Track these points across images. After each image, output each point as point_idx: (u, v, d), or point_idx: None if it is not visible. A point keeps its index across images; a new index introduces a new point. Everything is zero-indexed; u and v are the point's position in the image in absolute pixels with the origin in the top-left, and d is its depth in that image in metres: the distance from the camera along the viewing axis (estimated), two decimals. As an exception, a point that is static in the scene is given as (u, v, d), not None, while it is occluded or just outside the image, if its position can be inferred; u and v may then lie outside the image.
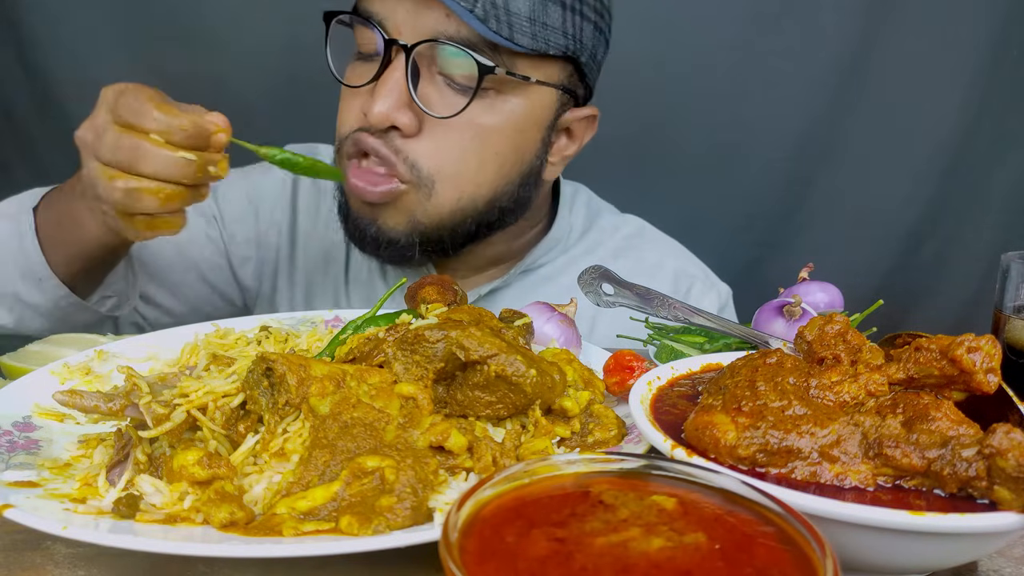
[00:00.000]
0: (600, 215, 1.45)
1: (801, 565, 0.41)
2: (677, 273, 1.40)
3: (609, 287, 0.97)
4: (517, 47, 1.06)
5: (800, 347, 0.69)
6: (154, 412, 0.66)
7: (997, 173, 2.01)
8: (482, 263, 1.33)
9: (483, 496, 0.45)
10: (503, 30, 1.04)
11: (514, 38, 1.05)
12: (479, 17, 1.02)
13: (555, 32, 1.09)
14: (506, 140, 1.14)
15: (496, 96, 1.11)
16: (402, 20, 1.07)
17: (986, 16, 1.89)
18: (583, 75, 1.19)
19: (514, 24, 1.05)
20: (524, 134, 1.16)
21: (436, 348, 0.71)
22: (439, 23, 1.05)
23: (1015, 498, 0.50)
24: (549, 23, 1.08)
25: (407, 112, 1.08)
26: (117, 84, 0.91)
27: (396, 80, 1.07)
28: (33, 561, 0.61)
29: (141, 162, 0.86)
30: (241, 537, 0.57)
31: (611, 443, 0.74)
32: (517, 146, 1.16)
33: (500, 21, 1.04)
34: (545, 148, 1.21)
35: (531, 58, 1.10)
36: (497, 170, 1.16)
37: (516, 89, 1.12)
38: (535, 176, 1.22)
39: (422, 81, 1.09)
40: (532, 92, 1.13)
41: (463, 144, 1.11)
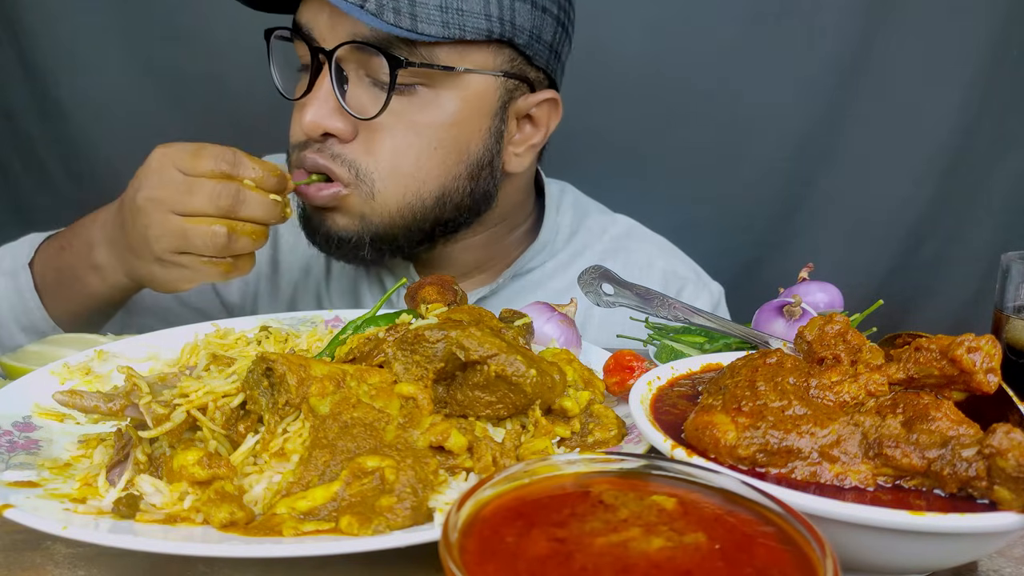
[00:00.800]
0: (588, 215, 1.42)
1: (801, 565, 0.41)
2: (667, 274, 1.38)
3: (609, 287, 0.97)
4: (423, 37, 1.03)
5: (800, 347, 0.69)
6: (154, 412, 0.66)
7: (997, 173, 2.01)
8: (466, 268, 1.31)
9: (483, 496, 0.45)
10: (403, 21, 1.02)
11: (418, 28, 1.02)
12: (371, 12, 1.01)
13: (474, 16, 1.05)
14: (444, 133, 1.12)
15: (427, 91, 1.09)
16: (324, 27, 1.07)
17: (986, 16, 1.89)
18: (529, 59, 1.14)
19: (419, 14, 1.02)
20: (463, 125, 1.13)
21: (436, 348, 0.71)
22: (355, 25, 1.04)
23: (1015, 498, 0.50)
24: (466, 8, 1.05)
25: (339, 118, 1.08)
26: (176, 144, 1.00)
27: (325, 88, 1.07)
28: (33, 561, 0.61)
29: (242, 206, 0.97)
30: (241, 537, 0.57)
31: (611, 443, 0.74)
32: (457, 138, 1.13)
33: (400, 13, 1.01)
34: (496, 138, 1.17)
35: (453, 46, 1.07)
36: (440, 164, 1.13)
37: (447, 81, 1.09)
38: (487, 168, 1.18)
39: (351, 86, 1.09)
40: (466, 82, 1.11)
41: (398, 142, 1.10)
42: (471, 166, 1.16)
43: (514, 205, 1.30)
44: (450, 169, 1.14)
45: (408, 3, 1.02)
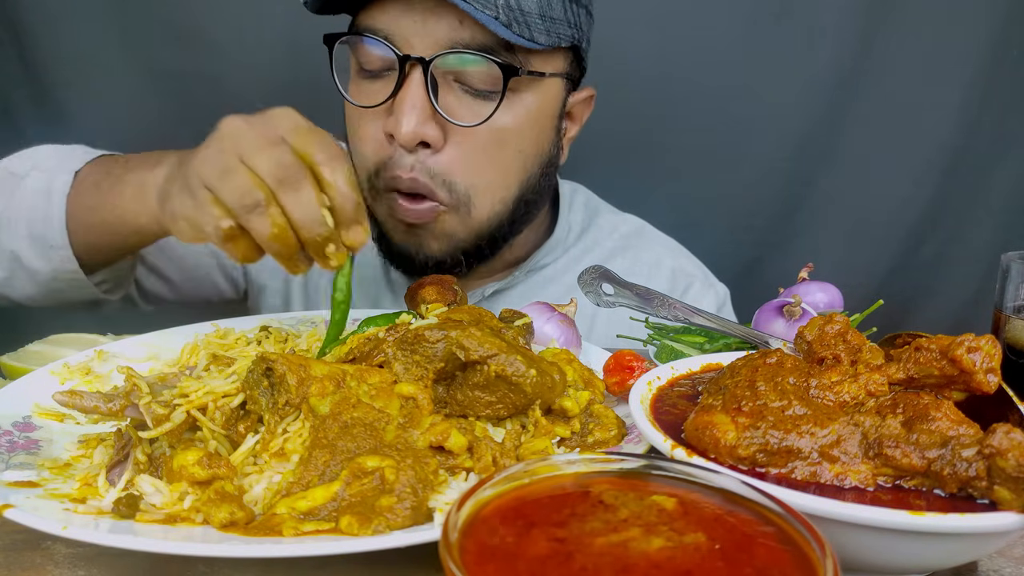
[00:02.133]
0: (599, 214, 1.45)
1: (801, 565, 0.41)
2: (675, 272, 1.40)
3: (609, 287, 0.97)
4: (537, 45, 1.06)
5: (800, 347, 0.69)
6: (154, 412, 0.66)
7: (997, 173, 2.01)
8: (496, 267, 1.32)
9: (483, 496, 0.45)
10: (524, 32, 1.04)
11: (534, 38, 1.05)
12: (504, 23, 1.02)
13: (562, 24, 1.09)
14: (525, 137, 1.15)
15: (512, 95, 1.10)
16: (411, 33, 1.04)
17: (986, 16, 1.89)
18: (580, 59, 1.20)
19: (531, 24, 1.04)
20: (540, 128, 1.17)
21: (436, 348, 0.71)
22: (453, 31, 1.03)
23: (1015, 498, 0.50)
24: (555, 16, 1.08)
25: (433, 126, 1.07)
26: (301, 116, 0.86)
27: (417, 95, 1.05)
28: (33, 561, 0.61)
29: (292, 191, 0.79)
30: (241, 537, 0.57)
31: (611, 443, 0.74)
32: (535, 140, 1.17)
33: (520, 24, 1.03)
34: (559, 136, 1.22)
35: (542, 53, 1.10)
36: (521, 168, 1.17)
37: (529, 85, 1.12)
38: (554, 164, 1.24)
39: (440, 91, 1.07)
40: (544, 85, 1.14)
41: (489, 150, 1.11)
42: (543, 165, 1.21)
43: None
44: (529, 170, 1.18)
45: (521, 13, 1.03)
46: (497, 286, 1.32)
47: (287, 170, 0.78)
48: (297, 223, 0.78)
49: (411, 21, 1.04)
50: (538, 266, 1.35)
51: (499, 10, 1.01)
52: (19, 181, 1.08)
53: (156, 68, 1.86)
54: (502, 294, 1.33)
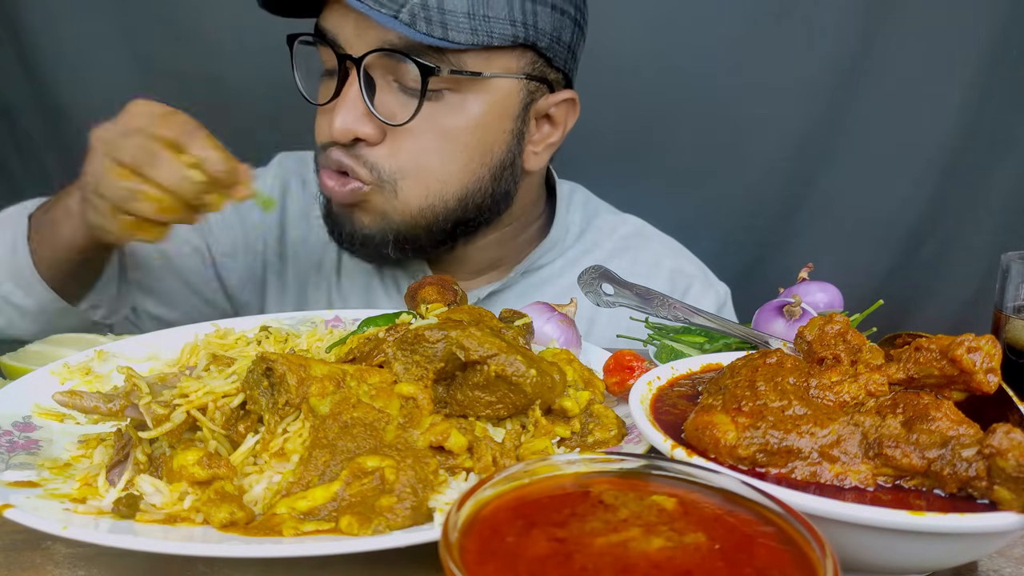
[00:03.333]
0: (598, 214, 1.44)
1: (801, 565, 0.41)
2: (674, 272, 1.39)
3: (609, 287, 0.97)
4: (454, 45, 1.06)
5: (800, 347, 0.69)
6: (154, 413, 0.66)
7: (997, 173, 2.01)
8: (480, 266, 1.32)
9: (483, 496, 0.45)
10: (435, 31, 1.04)
11: (449, 36, 1.05)
12: (405, 22, 1.03)
13: (499, 23, 1.08)
14: (470, 136, 1.15)
15: (454, 95, 1.12)
16: (351, 34, 1.08)
17: (986, 16, 1.89)
18: (548, 60, 1.17)
19: (448, 23, 1.04)
20: (489, 128, 1.16)
21: (436, 348, 0.71)
22: (383, 32, 1.06)
23: (1015, 498, 0.50)
24: (491, 15, 1.07)
25: (368, 123, 1.10)
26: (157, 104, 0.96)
27: (354, 94, 1.09)
28: (33, 561, 0.61)
29: (154, 168, 0.91)
30: (241, 537, 0.57)
31: (611, 443, 0.74)
32: (481, 141, 1.16)
33: (431, 22, 1.04)
34: (518, 139, 1.20)
35: (480, 52, 1.10)
36: (463, 166, 1.16)
37: (473, 86, 1.12)
38: (509, 169, 1.21)
39: (379, 91, 1.11)
40: (491, 86, 1.13)
41: (423, 146, 1.13)
42: (493, 168, 1.19)
43: (528, 203, 1.32)
44: (474, 171, 1.17)
45: (438, 12, 1.04)
46: (493, 287, 1.32)
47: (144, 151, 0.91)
48: (171, 189, 0.91)
49: (350, 23, 1.08)
50: (535, 267, 1.34)
51: (402, 9, 1.03)
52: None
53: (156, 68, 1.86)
54: (498, 295, 1.32)
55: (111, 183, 0.92)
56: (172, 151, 0.91)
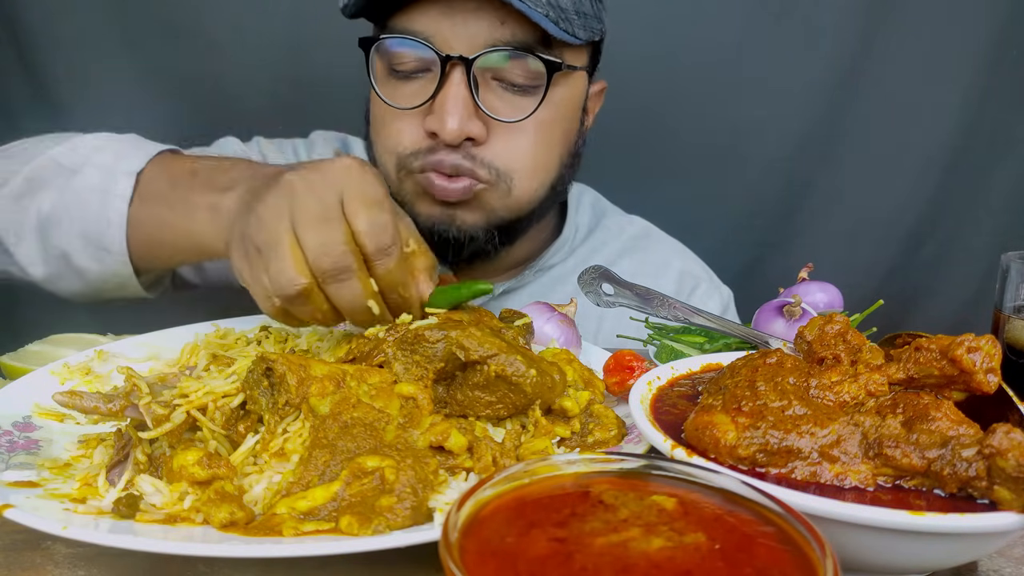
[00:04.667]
0: (606, 215, 1.46)
1: (801, 565, 0.41)
2: (682, 274, 1.41)
3: (609, 287, 0.97)
4: (579, 41, 1.09)
5: (800, 347, 0.69)
6: (154, 413, 0.66)
7: (997, 173, 2.01)
8: (504, 266, 1.33)
9: (483, 496, 0.45)
10: (568, 28, 1.07)
11: (575, 33, 1.08)
12: (552, 20, 1.04)
13: (592, 19, 1.12)
14: (560, 128, 1.18)
15: (550, 90, 1.12)
16: (451, 34, 1.06)
17: (986, 16, 1.89)
18: (598, 54, 1.23)
19: (571, 20, 1.07)
20: (570, 119, 1.20)
21: (436, 348, 0.71)
22: (494, 30, 1.06)
23: (1015, 498, 0.50)
24: (587, 12, 1.11)
25: (476, 122, 1.09)
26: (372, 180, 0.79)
27: (460, 94, 1.07)
28: (33, 561, 0.61)
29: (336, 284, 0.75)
30: (241, 537, 0.57)
31: (611, 443, 0.74)
32: (567, 131, 1.20)
33: (564, 20, 1.06)
34: (583, 127, 1.26)
35: (574, 48, 1.13)
36: (559, 157, 1.20)
37: (563, 80, 1.14)
38: (579, 155, 1.27)
39: (480, 89, 1.10)
40: (573, 79, 1.17)
41: (531, 141, 1.14)
42: (572, 155, 1.24)
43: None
44: (563, 160, 1.22)
45: (562, 11, 1.06)
46: (506, 286, 1.32)
47: (335, 260, 0.74)
48: (342, 309, 0.77)
49: (452, 22, 1.06)
50: (546, 266, 1.36)
51: (549, 8, 1.04)
52: (70, 176, 1.02)
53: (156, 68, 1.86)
54: (511, 294, 1.33)
55: (283, 269, 0.75)
56: (364, 269, 0.77)
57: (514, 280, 1.33)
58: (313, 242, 0.74)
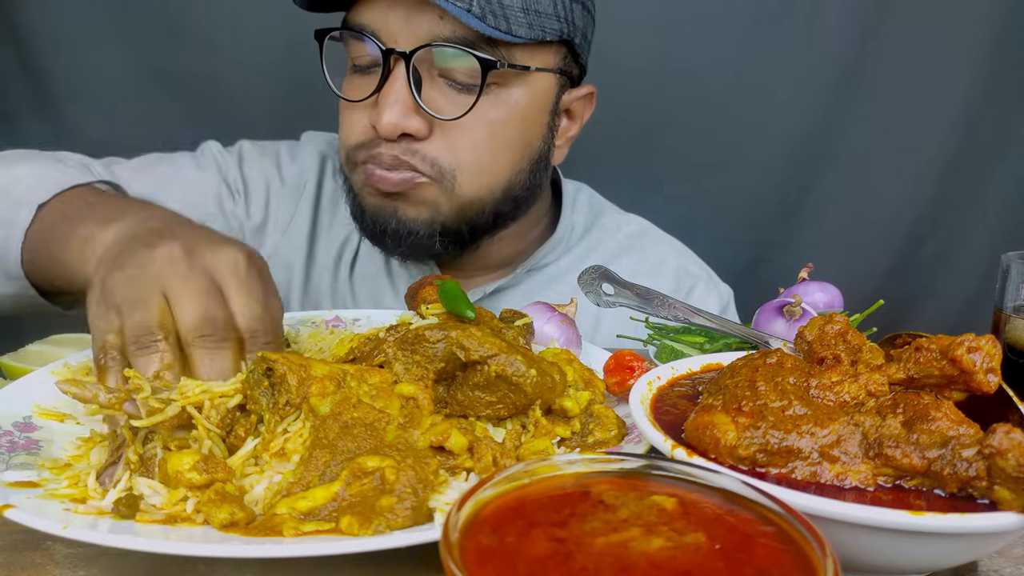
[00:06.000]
0: (603, 213, 1.45)
1: (801, 565, 0.41)
2: (679, 272, 1.40)
3: (609, 287, 0.97)
4: (516, 39, 1.07)
5: (800, 347, 0.69)
6: (149, 406, 0.66)
7: (997, 173, 2.01)
8: (491, 264, 1.33)
9: (483, 496, 0.45)
10: (501, 24, 1.05)
11: (512, 30, 1.06)
12: (477, 16, 1.03)
13: (548, 18, 1.10)
14: (514, 130, 1.16)
15: (499, 89, 1.12)
16: (395, 28, 1.07)
17: (986, 16, 1.89)
18: (576, 55, 1.20)
19: (510, 16, 1.06)
20: (529, 121, 1.18)
21: (436, 348, 0.71)
22: (433, 26, 1.06)
23: (1015, 498, 0.50)
24: (541, 10, 1.09)
25: (416, 118, 1.09)
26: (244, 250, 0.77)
27: (400, 89, 1.07)
28: (33, 561, 0.61)
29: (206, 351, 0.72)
30: (241, 537, 0.57)
31: (611, 443, 0.74)
32: (524, 134, 1.18)
33: (496, 16, 1.05)
34: (551, 132, 1.23)
35: (527, 47, 1.11)
36: (510, 159, 1.18)
37: (517, 79, 1.13)
38: (543, 162, 1.24)
39: (424, 85, 1.10)
40: (532, 80, 1.15)
41: (476, 140, 1.13)
42: (532, 160, 1.22)
43: (539, 204, 1.33)
44: (517, 164, 1.19)
45: (499, 6, 1.05)
46: (499, 284, 1.32)
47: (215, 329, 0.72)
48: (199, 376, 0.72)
49: (395, 17, 1.07)
50: (540, 265, 1.35)
51: (472, 3, 1.03)
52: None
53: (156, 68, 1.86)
54: (504, 292, 1.33)
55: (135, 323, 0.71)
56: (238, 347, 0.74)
57: (505, 279, 1.32)
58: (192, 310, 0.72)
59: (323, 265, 1.38)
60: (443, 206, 1.16)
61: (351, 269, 1.37)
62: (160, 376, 0.70)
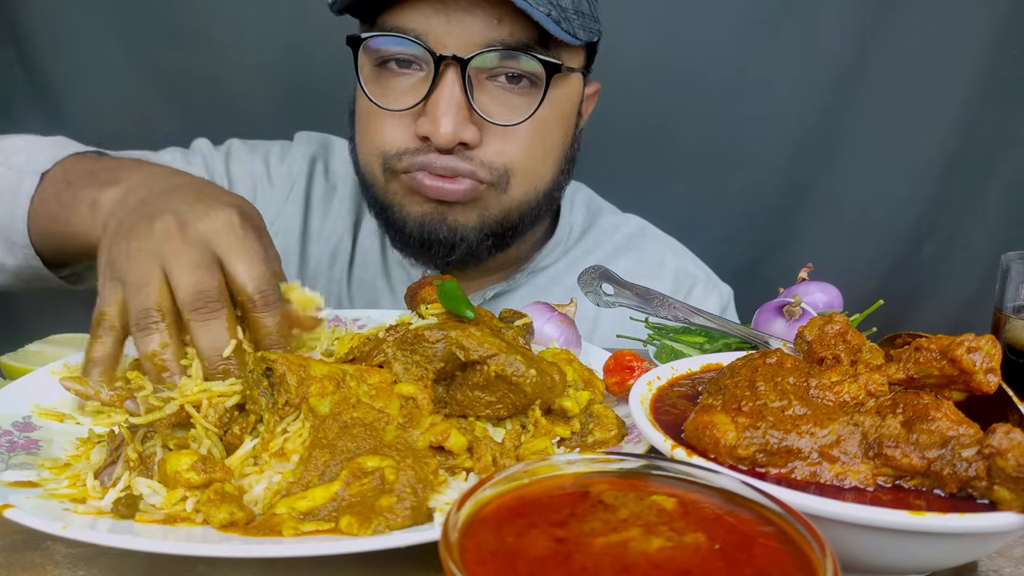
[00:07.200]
0: (601, 214, 1.44)
1: (801, 565, 0.41)
2: (678, 273, 1.39)
3: (609, 287, 0.97)
4: (578, 42, 1.07)
5: (800, 347, 0.69)
6: (148, 404, 0.66)
7: (997, 173, 2.01)
8: (492, 266, 1.31)
9: (483, 496, 0.45)
10: (569, 28, 1.04)
11: (576, 34, 1.06)
12: (555, 20, 1.02)
13: (590, 19, 1.10)
14: (558, 130, 1.16)
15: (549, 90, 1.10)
16: (444, 32, 1.02)
17: (986, 16, 1.89)
18: (593, 54, 1.20)
19: (571, 20, 1.05)
20: (568, 121, 1.18)
21: (436, 348, 0.71)
22: (490, 29, 1.02)
23: (1015, 498, 0.50)
24: (585, 11, 1.08)
25: (471, 126, 1.06)
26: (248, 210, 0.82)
27: (455, 97, 1.03)
28: (33, 561, 0.61)
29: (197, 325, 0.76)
30: (241, 537, 0.57)
31: (611, 443, 0.74)
32: (564, 134, 1.18)
33: (566, 20, 1.04)
34: (577, 130, 1.23)
35: (571, 49, 1.10)
36: (555, 160, 1.18)
37: (559, 81, 1.12)
38: (574, 160, 1.24)
39: (476, 90, 1.06)
40: (569, 80, 1.15)
41: (528, 142, 1.12)
42: (568, 159, 1.22)
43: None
44: (559, 163, 1.19)
45: (562, 11, 1.03)
46: (498, 288, 1.31)
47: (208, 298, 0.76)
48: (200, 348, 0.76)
49: (445, 19, 1.02)
50: (539, 267, 1.34)
51: (551, 7, 1.01)
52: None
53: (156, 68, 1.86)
54: (504, 296, 1.32)
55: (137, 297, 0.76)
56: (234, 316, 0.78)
57: (505, 283, 1.31)
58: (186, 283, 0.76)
59: (316, 267, 1.37)
60: (493, 209, 1.14)
61: (348, 272, 1.36)
62: (157, 355, 0.75)
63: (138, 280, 0.77)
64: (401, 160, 1.10)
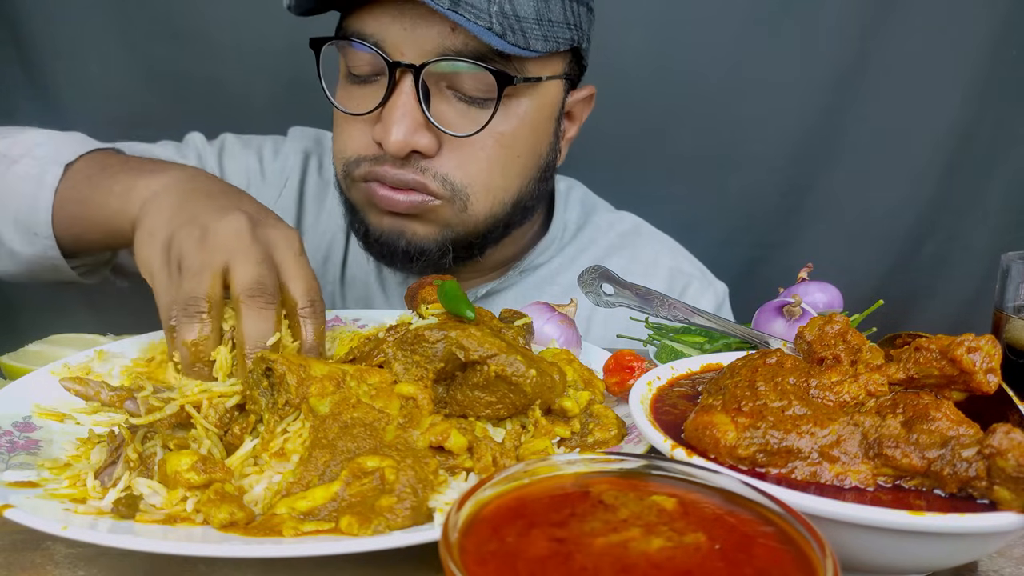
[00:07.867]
0: (595, 211, 1.43)
1: (801, 565, 0.41)
2: (672, 271, 1.38)
3: (609, 287, 0.97)
4: (534, 54, 1.03)
5: (800, 347, 0.69)
6: (148, 404, 0.66)
7: (997, 173, 2.01)
8: (487, 266, 1.31)
9: (483, 496, 0.45)
10: (519, 40, 1.01)
11: (529, 45, 1.02)
12: (497, 34, 0.99)
13: (560, 27, 1.06)
14: (524, 142, 1.12)
15: (509, 101, 1.08)
16: (401, 39, 1.02)
17: (986, 16, 1.89)
18: (580, 58, 1.17)
19: (527, 31, 1.02)
20: (539, 131, 1.15)
21: (436, 348, 0.71)
22: (444, 38, 1.01)
23: (1015, 498, 0.50)
24: (554, 19, 1.05)
25: (425, 134, 1.04)
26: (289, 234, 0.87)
27: (408, 104, 1.02)
28: (33, 561, 0.61)
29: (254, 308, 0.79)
30: (241, 537, 0.57)
31: (611, 443, 0.74)
32: (534, 145, 1.15)
33: (515, 32, 1.00)
34: (557, 139, 1.20)
35: (539, 58, 1.07)
36: (520, 172, 1.14)
37: (527, 90, 1.09)
38: (551, 168, 1.22)
39: (433, 99, 1.05)
40: (541, 89, 1.11)
41: (488, 155, 1.09)
42: (541, 169, 1.19)
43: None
44: (528, 174, 1.16)
45: (516, 20, 1.00)
46: (491, 287, 1.30)
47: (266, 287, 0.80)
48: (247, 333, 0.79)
49: (401, 27, 1.01)
50: (532, 266, 1.33)
51: (492, 19, 0.98)
52: (10, 165, 1.09)
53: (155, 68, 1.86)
54: (496, 295, 1.31)
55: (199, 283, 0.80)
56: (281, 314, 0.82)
57: (497, 281, 1.30)
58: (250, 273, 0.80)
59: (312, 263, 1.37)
60: (454, 225, 1.12)
61: (342, 270, 1.36)
62: (198, 344, 0.79)
63: (197, 267, 0.80)
64: (360, 167, 1.10)
